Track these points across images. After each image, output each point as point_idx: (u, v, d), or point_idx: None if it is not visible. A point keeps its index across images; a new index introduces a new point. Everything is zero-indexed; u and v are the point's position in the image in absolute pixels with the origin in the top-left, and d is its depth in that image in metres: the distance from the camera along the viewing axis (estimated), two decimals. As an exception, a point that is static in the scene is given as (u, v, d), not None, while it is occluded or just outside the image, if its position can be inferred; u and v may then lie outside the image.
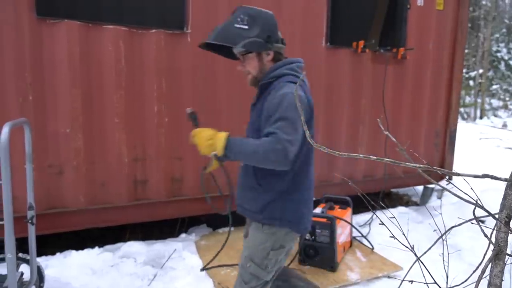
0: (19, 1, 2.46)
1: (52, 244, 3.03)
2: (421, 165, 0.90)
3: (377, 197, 3.83)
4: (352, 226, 3.11)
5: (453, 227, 1.28)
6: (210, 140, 1.57)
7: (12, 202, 1.76)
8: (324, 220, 2.69)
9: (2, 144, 1.67)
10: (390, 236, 1.19)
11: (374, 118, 3.92)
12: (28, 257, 2.15)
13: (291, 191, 1.65)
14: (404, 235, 1.27)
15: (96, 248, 2.84)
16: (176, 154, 3.04)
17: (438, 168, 0.91)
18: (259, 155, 1.50)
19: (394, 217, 1.29)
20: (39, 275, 2.26)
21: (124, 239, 3.14)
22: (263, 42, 1.63)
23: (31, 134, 2.11)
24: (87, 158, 2.78)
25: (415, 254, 1.37)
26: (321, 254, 2.70)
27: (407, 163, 0.95)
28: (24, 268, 2.15)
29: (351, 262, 2.88)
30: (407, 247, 1.26)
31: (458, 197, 1.16)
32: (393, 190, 4.94)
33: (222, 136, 1.57)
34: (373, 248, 3.10)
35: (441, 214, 1.63)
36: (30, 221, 2.10)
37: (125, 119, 2.83)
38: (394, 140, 1.38)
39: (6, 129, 1.71)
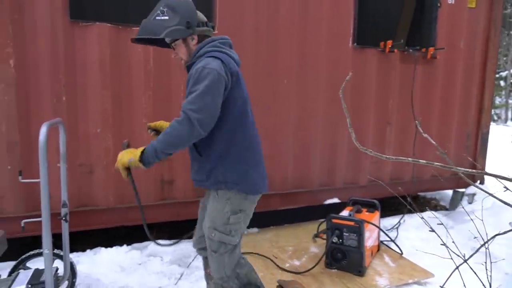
0: (54, 5, 2.54)
1: (81, 241, 3.11)
2: (474, 170, 0.86)
3: (404, 201, 3.73)
4: (381, 230, 3.04)
5: (497, 235, 1.22)
6: (127, 152, 1.75)
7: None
8: (351, 223, 2.64)
9: (40, 144, 1.73)
10: (441, 244, 1.14)
11: (401, 119, 3.83)
12: (61, 253, 2.21)
13: (228, 154, 1.78)
14: (444, 244, 1.22)
15: (125, 246, 2.89)
16: (202, 154, 3.06)
17: (490, 173, 0.87)
18: (174, 140, 1.65)
19: (442, 223, 1.24)
20: (72, 271, 2.32)
21: (147, 238, 3.18)
22: (183, 29, 1.77)
23: (65, 134, 2.17)
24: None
25: (455, 263, 1.31)
26: (348, 257, 2.65)
27: (457, 167, 0.91)
28: (58, 264, 2.21)
29: (379, 267, 2.81)
30: (439, 255, 1.22)
31: (505, 202, 1.10)
32: (420, 193, 4.80)
33: (139, 149, 1.72)
34: (402, 253, 3.02)
35: (481, 220, 1.56)
36: (63, 218, 2.16)
37: (153, 119, 2.86)
38: (434, 143, 1.33)
39: (44, 129, 1.76)
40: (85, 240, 3.12)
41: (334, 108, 3.50)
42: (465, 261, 1.25)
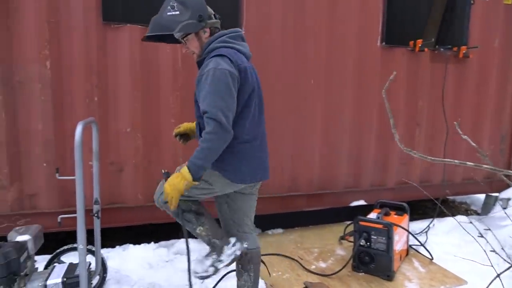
0: (88, 7, 2.61)
1: (110, 237, 3.19)
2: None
3: (436, 204, 3.62)
4: (410, 233, 2.96)
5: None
6: (176, 178, 1.72)
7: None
8: (380, 226, 2.59)
9: (76, 142, 1.78)
10: (491, 251, 1.09)
11: (431, 120, 3.72)
12: (93, 249, 2.27)
13: (229, 146, 1.77)
14: (494, 251, 1.17)
15: (152, 243, 2.94)
16: (228, 154, 3.08)
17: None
18: (211, 151, 1.70)
19: (490, 229, 1.19)
20: (103, 266, 2.39)
21: (174, 236, 3.21)
22: (196, 22, 1.79)
23: (98, 133, 2.23)
24: (145, 157, 2.89)
25: (496, 270, 1.26)
26: (376, 261, 2.60)
27: (508, 170, 0.87)
28: (89, 259, 2.27)
29: (409, 272, 2.73)
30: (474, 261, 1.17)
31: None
32: (450, 197, 4.65)
33: (184, 169, 1.71)
34: (432, 258, 2.93)
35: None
36: (95, 215, 2.22)
37: (181, 119, 2.90)
38: (474, 145, 1.28)
39: (79, 128, 1.82)
40: (112, 236, 3.20)
41: (362, 108, 3.44)
42: (505, 270, 1.19)
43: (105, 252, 2.76)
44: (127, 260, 2.72)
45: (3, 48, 2.48)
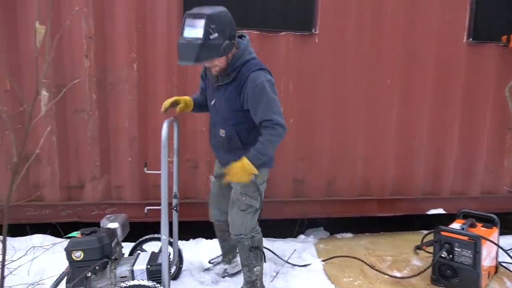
0: (171, 14, 2.77)
1: (183, 230, 3.35)
2: None
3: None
4: (502, 249, 2.67)
5: None
6: (242, 170, 1.97)
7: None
8: (465, 238, 2.37)
9: (163, 139, 1.90)
10: None
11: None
12: (171, 240, 2.41)
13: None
14: None
15: (222, 239, 3.03)
16: (299, 155, 3.06)
17: None
18: (274, 145, 2.00)
19: None
20: (179, 257, 2.52)
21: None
22: (230, 43, 1.90)
23: (179, 131, 2.36)
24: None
25: None
26: (461, 276, 2.39)
27: None
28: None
29: (499, 291, 2.48)
30: None
31: None
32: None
33: (245, 162, 1.96)
34: (526, 278, 2.62)
35: None
36: (174, 208, 2.35)
37: (254, 119, 2.96)
38: None
39: (165, 126, 1.94)
40: (186, 230, 3.34)
41: (443, 109, 3.20)
42: None
43: (181, 244, 2.91)
44: (200, 253, 2.84)
45: (99, 53, 2.74)
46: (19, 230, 2.79)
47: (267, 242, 3.00)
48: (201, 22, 1.78)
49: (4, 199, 2.82)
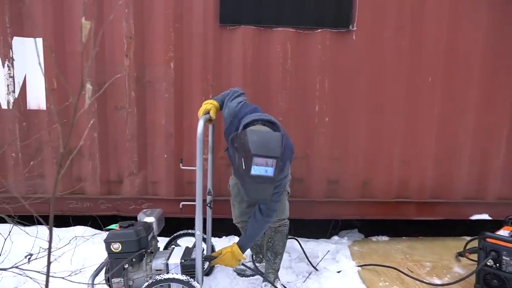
0: (207, 12, 2.81)
1: (216, 227, 3.38)
2: None
3: None
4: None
5: None
6: (231, 258, 2.15)
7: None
8: (515, 246, 2.22)
9: (198, 136, 1.93)
10: None
11: None
12: (205, 236, 2.43)
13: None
14: None
15: (255, 237, 3.03)
16: (333, 154, 3.00)
17: None
18: (264, 230, 2.21)
19: None
20: (212, 252, 2.53)
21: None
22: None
23: (214, 129, 2.38)
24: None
25: None
26: (510, 287, 2.23)
27: None
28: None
29: (551, 304, 2.29)
30: None
31: None
32: None
33: (235, 249, 2.15)
34: None
35: None
36: (208, 205, 2.37)
37: (288, 117, 2.94)
38: None
39: (201, 122, 1.96)
40: (219, 227, 3.37)
41: (490, 109, 3.01)
42: None
43: (214, 241, 2.94)
44: (232, 251, 2.85)
45: (138, 52, 2.83)
46: (63, 221, 2.94)
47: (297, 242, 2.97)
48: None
49: (51, 190, 2.99)
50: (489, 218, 3.17)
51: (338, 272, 2.64)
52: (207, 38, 2.85)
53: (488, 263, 2.30)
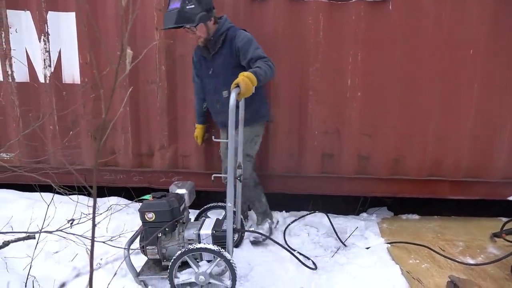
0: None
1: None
2: None
3: None
4: None
5: None
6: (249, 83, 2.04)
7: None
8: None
9: (231, 107, 1.91)
10: None
11: None
12: (234, 209, 2.46)
13: (261, 94, 2.59)
14: None
15: (284, 211, 3.05)
16: (365, 130, 2.93)
17: None
18: (270, 73, 2.23)
19: None
20: (242, 226, 2.58)
21: (305, 207, 3.24)
22: (207, 14, 2.32)
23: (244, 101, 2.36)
24: (282, 129, 2.97)
25: None
26: (548, 268, 2.15)
27: None
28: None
29: None
30: None
31: None
32: None
33: (247, 73, 2.07)
34: None
35: None
36: (238, 178, 2.39)
37: (319, 91, 2.87)
38: None
39: (233, 95, 1.95)
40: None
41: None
42: None
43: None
44: (261, 224, 2.89)
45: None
46: (98, 191, 3.04)
47: (325, 218, 2.97)
48: None
49: (85, 161, 3.09)
50: None
51: (367, 248, 2.62)
52: (238, 11, 2.79)
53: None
